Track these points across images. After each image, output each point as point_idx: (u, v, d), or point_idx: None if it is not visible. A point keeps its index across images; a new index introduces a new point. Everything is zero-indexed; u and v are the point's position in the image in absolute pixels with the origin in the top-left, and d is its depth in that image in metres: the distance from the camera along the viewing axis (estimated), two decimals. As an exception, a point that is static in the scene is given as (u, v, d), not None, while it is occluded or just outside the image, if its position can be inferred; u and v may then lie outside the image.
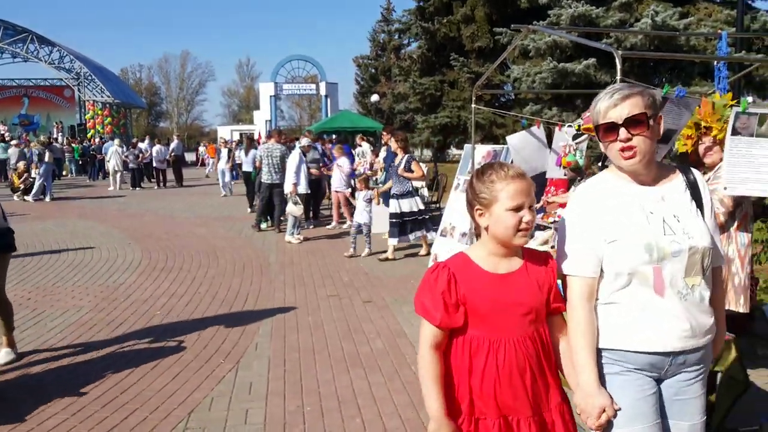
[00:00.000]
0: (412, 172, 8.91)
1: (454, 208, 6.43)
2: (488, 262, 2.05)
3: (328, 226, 12.22)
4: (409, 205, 8.97)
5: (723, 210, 4.16)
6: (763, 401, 3.41)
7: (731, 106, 4.04)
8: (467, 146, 6.50)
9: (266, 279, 7.94)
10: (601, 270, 2.06)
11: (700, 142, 4.33)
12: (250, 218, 12.50)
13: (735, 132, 3.75)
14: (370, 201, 9.53)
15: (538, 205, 7.56)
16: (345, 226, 11.89)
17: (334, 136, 21.59)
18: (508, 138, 6.07)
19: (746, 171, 3.78)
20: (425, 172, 9.11)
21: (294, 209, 10.58)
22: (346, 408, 4.14)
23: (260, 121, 42.17)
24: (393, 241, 9.10)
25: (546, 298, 2.07)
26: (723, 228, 4.20)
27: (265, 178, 11.50)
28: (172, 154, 23.33)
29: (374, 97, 29.87)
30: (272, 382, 4.58)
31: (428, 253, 8.94)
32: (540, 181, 8.30)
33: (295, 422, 3.93)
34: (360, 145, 15.95)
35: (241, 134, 37.31)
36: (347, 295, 7.13)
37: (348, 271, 8.41)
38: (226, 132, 45.16)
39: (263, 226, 12.01)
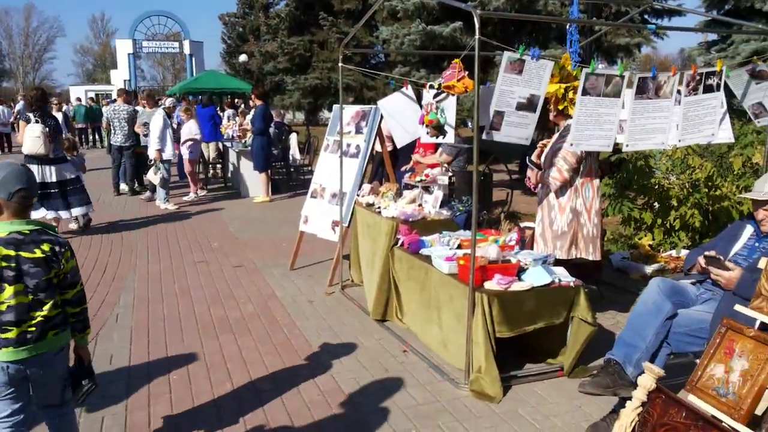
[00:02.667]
0: None
1: (324, 169, 6.37)
2: None
3: (200, 193, 11.61)
4: (41, 173, 7.62)
5: (567, 167, 4.44)
6: (609, 340, 3.72)
7: (561, 68, 4.34)
8: (336, 107, 6.42)
9: (126, 247, 7.51)
10: None
11: (548, 107, 4.62)
12: (109, 184, 11.72)
13: (585, 92, 3.95)
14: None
15: (408, 165, 7.69)
16: (188, 197, 11.07)
17: (200, 98, 20.63)
18: (380, 102, 5.95)
19: (592, 128, 4.01)
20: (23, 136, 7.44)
21: (154, 177, 10.08)
22: (215, 373, 4.03)
23: (118, 80, 39.39)
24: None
25: None
26: (569, 183, 4.49)
27: (115, 140, 11.15)
28: (18, 116, 21.23)
29: (242, 57, 28.78)
30: (135, 353, 4.36)
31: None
32: (411, 144, 8.42)
33: (160, 392, 3.76)
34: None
35: (97, 94, 34.70)
36: (216, 261, 6.91)
37: (217, 236, 8.14)
38: (79, 92, 41.81)
39: (123, 188, 11.60)
